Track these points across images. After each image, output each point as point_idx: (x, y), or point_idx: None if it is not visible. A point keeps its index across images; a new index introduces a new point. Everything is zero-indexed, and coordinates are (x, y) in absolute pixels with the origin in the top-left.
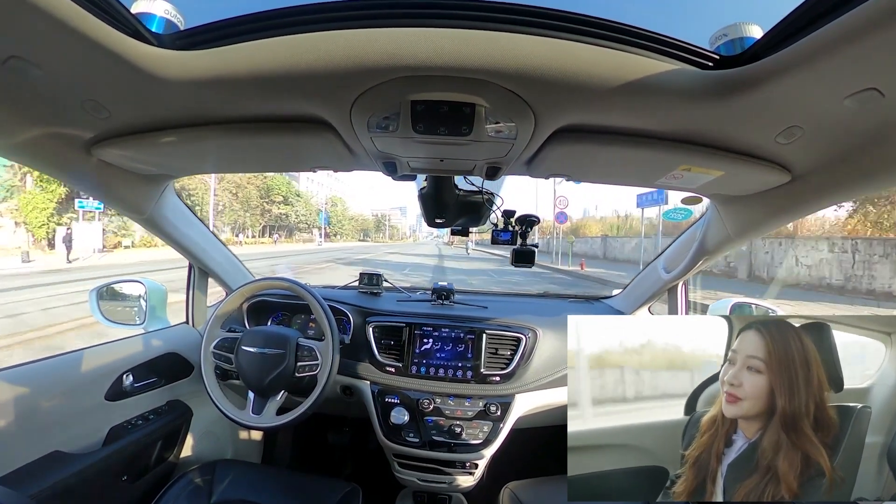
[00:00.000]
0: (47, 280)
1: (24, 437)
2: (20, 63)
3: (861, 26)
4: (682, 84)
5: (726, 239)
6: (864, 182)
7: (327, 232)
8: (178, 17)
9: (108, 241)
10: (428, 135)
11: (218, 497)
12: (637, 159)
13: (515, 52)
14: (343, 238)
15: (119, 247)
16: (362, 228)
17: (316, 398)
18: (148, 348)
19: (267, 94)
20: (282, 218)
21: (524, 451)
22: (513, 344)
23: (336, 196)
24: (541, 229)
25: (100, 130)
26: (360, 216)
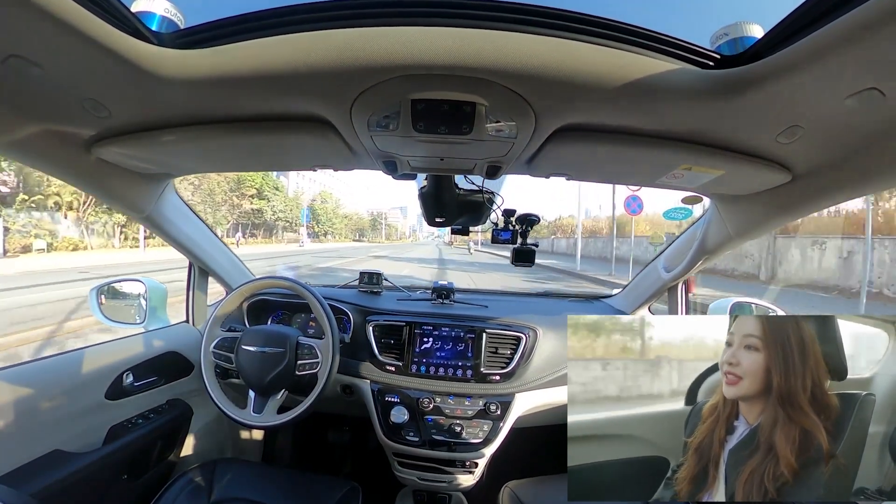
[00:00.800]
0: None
1: (25, 436)
2: (20, 62)
3: (862, 26)
4: (683, 83)
5: (727, 238)
6: (865, 182)
7: (315, 231)
8: (178, 16)
9: (11, 242)
10: (428, 134)
11: (218, 496)
12: (638, 158)
13: (516, 51)
14: (335, 238)
15: (30, 251)
16: (357, 228)
17: (316, 397)
18: (148, 347)
19: (267, 92)
20: (256, 214)
21: (524, 450)
22: (513, 343)
23: (326, 191)
24: (559, 228)
25: (100, 129)
26: (354, 214)
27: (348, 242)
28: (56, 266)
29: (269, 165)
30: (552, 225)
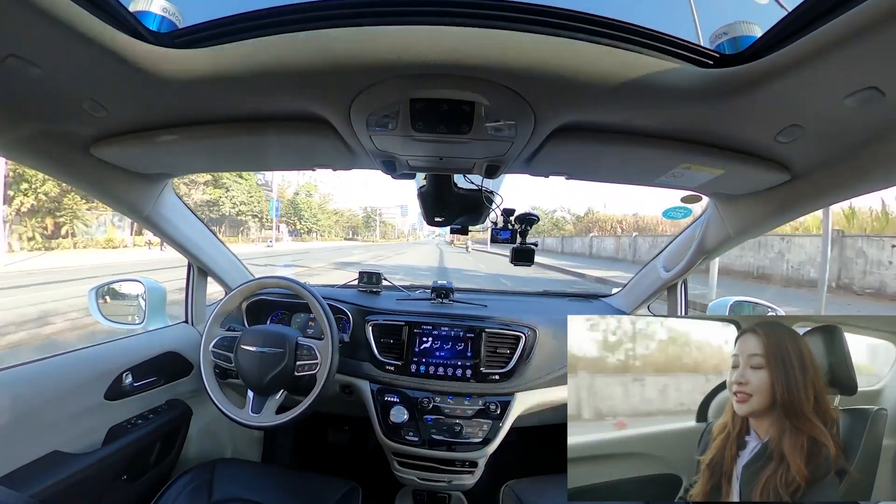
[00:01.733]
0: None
1: (24, 436)
2: (18, 62)
3: (861, 26)
4: (683, 82)
5: (726, 238)
6: (864, 181)
7: (297, 228)
8: (176, 16)
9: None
10: (427, 133)
11: (218, 496)
12: (637, 158)
13: (515, 50)
14: (323, 236)
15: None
16: (351, 225)
17: (315, 397)
18: (147, 347)
19: (265, 92)
20: (211, 207)
21: (524, 449)
22: (512, 342)
23: (311, 183)
24: (594, 224)
25: (98, 129)
26: (347, 211)
27: (337, 241)
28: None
29: (267, 165)
30: (584, 220)
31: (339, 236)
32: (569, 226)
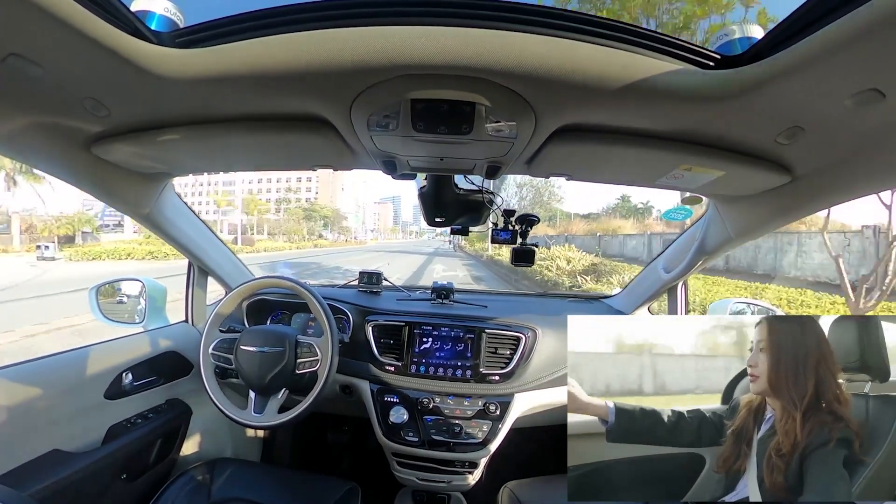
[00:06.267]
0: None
1: (24, 435)
2: (19, 61)
3: (862, 28)
4: (684, 84)
5: (726, 239)
6: (865, 182)
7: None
8: (177, 15)
9: None
10: (428, 133)
11: (217, 495)
12: (638, 159)
13: (516, 50)
14: (274, 237)
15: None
16: (323, 218)
17: (317, 395)
18: (147, 347)
19: (266, 92)
20: None
21: (523, 450)
22: (512, 343)
23: None
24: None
25: (99, 128)
26: (319, 205)
27: (287, 250)
28: None
29: (268, 165)
30: (639, 212)
31: (301, 240)
32: (627, 224)
